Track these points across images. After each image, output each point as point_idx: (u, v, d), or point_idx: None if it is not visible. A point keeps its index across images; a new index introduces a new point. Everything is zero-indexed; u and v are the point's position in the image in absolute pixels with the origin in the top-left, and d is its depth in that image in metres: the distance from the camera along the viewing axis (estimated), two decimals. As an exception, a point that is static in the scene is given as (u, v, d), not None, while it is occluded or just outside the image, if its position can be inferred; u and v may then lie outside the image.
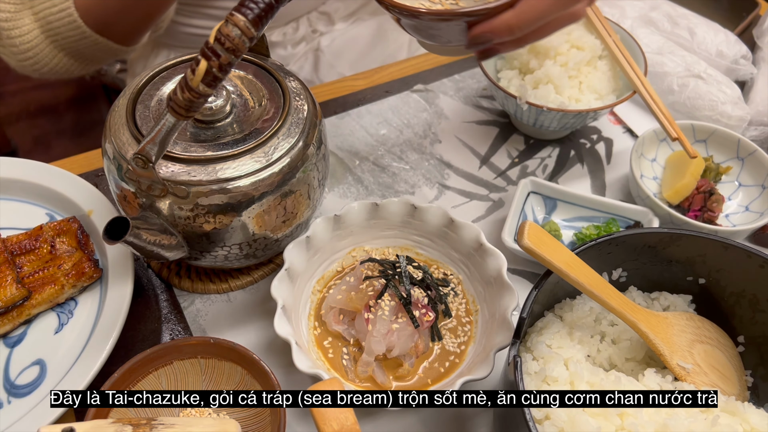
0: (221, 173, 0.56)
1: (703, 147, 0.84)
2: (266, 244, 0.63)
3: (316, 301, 0.67)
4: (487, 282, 0.66)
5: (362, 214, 0.69)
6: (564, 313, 0.59)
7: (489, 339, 0.62)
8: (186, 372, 0.59)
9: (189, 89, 0.45)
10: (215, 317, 0.69)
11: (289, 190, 0.59)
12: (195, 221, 0.57)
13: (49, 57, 0.86)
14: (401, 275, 0.64)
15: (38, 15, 0.82)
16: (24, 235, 0.68)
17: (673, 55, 0.92)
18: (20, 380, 0.61)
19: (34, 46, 0.84)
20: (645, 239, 0.58)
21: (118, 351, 0.62)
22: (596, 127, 0.93)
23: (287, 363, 0.64)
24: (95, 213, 0.70)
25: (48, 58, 0.86)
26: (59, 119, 2.32)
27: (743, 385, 0.58)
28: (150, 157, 0.51)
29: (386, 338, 0.60)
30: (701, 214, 0.77)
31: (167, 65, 0.63)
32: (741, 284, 0.58)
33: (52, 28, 0.84)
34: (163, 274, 0.71)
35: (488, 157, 0.88)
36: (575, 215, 0.79)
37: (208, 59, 0.44)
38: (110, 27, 0.86)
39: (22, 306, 0.63)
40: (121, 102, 0.60)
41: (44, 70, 0.88)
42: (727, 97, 0.87)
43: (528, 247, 0.51)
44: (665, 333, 0.56)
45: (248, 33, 0.43)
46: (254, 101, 0.61)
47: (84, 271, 0.65)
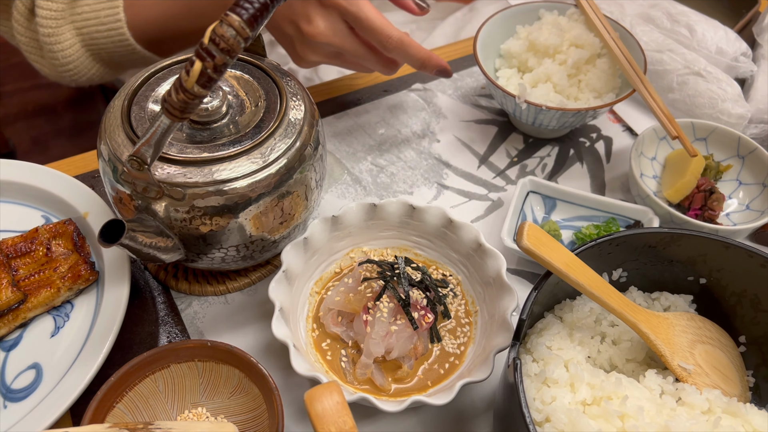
0: (217, 175, 0.55)
1: (704, 145, 0.83)
2: (263, 246, 0.62)
3: (314, 303, 0.67)
4: (487, 283, 0.65)
5: (360, 214, 0.68)
6: (564, 314, 0.58)
7: (489, 340, 0.61)
8: (183, 375, 0.59)
9: (183, 90, 0.44)
10: (213, 319, 0.68)
11: (286, 191, 0.59)
12: (191, 223, 0.57)
13: (87, 68, 0.89)
14: (400, 276, 0.63)
15: (81, 30, 0.85)
16: (19, 237, 0.68)
17: (673, 53, 0.91)
18: (16, 384, 0.61)
19: (75, 59, 0.87)
20: (645, 239, 0.57)
21: (114, 354, 0.62)
22: (596, 125, 0.92)
23: (285, 365, 0.63)
24: (91, 215, 0.70)
25: (87, 68, 0.89)
26: (57, 120, 2.32)
27: (745, 385, 0.58)
28: (145, 158, 0.51)
29: (385, 340, 0.60)
30: (701, 213, 0.77)
31: (163, 66, 0.63)
32: (742, 284, 0.57)
33: (97, 44, 0.86)
34: (160, 277, 0.71)
35: (487, 157, 0.87)
36: (575, 215, 0.78)
37: (203, 60, 0.43)
38: (162, 45, 0.89)
39: (18, 309, 0.63)
40: (116, 103, 0.60)
41: (82, 80, 0.91)
42: (727, 95, 0.86)
43: (527, 248, 0.50)
44: (666, 334, 0.55)
45: (243, 33, 0.43)
46: (251, 102, 0.61)
47: (80, 274, 0.65)
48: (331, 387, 0.47)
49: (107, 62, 0.90)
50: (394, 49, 0.72)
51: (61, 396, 0.57)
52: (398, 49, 0.72)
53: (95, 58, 0.89)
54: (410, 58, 0.73)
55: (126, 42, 0.86)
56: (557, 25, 0.86)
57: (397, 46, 0.71)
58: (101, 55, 0.88)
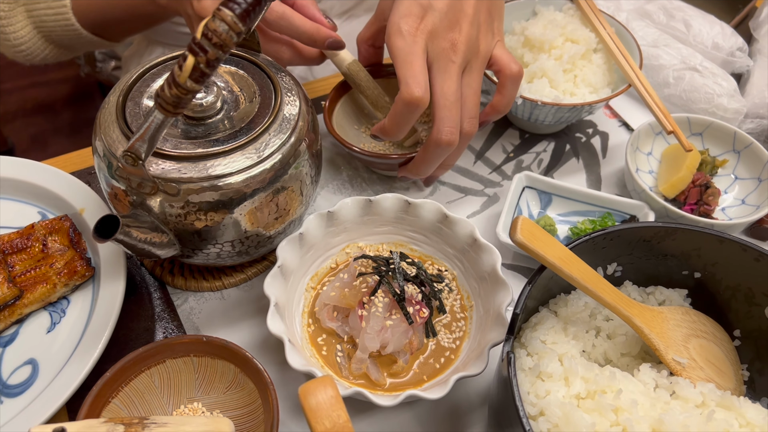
0: (212, 170, 0.55)
1: (699, 140, 0.83)
2: (259, 242, 0.62)
3: (309, 299, 0.67)
4: (482, 278, 0.65)
5: (356, 210, 0.68)
6: (558, 309, 0.58)
7: (483, 335, 0.61)
8: (179, 370, 0.59)
9: (176, 85, 0.45)
10: (209, 315, 0.68)
11: (281, 187, 0.59)
12: (186, 219, 0.57)
13: (40, 49, 0.94)
14: (395, 271, 0.63)
15: (32, 14, 0.89)
16: (15, 233, 0.68)
17: (669, 48, 0.91)
18: (12, 380, 0.61)
19: (27, 41, 0.91)
20: (640, 233, 0.57)
21: (110, 350, 0.62)
22: (592, 120, 0.92)
23: (281, 360, 0.64)
24: (87, 211, 0.70)
25: (40, 49, 0.94)
26: (56, 117, 2.32)
27: (739, 379, 0.58)
28: (139, 154, 0.51)
29: (380, 335, 0.60)
30: (697, 208, 0.77)
31: (158, 62, 0.62)
32: (736, 278, 0.57)
33: (47, 27, 0.90)
34: (156, 272, 0.71)
35: (483, 152, 0.87)
36: (570, 210, 0.78)
37: (195, 55, 0.43)
38: (106, 30, 0.92)
39: (14, 305, 0.63)
40: (111, 99, 0.60)
41: (36, 60, 0.95)
42: (723, 90, 0.86)
43: (521, 243, 0.50)
44: (660, 328, 0.55)
45: (235, 28, 0.43)
46: (245, 97, 0.61)
47: (76, 270, 0.65)
48: (325, 381, 0.47)
49: (59, 44, 0.94)
50: (274, 23, 0.67)
51: (57, 391, 0.57)
52: (278, 23, 0.67)
53: (47, 40, 0.92)
54: (296, 31, 0.68)
55: (72, 27, 0.89)
56: (553, 20, 0.86)
57: (277, 20, 0.67)
58: (52, 38, 0.92)
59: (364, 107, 0.85)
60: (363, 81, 0.78)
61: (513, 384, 0.46)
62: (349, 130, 0.83)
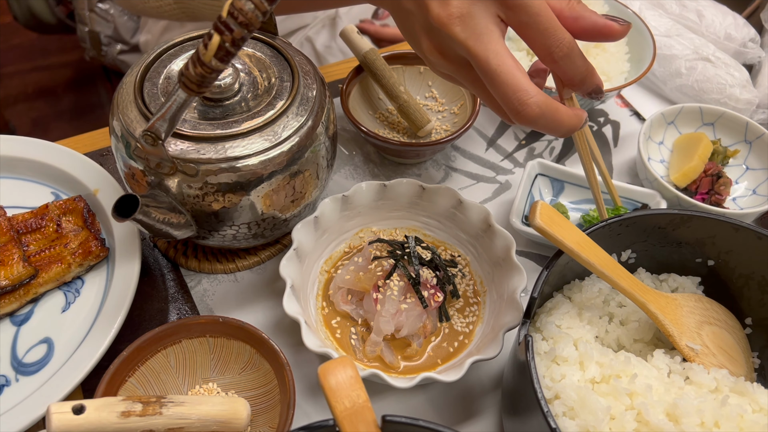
0: (230, 152, 0.55)
1: (711, 130, 0.84)
2: (274, 224, 0.63)
3: (323, 281, 0.67)
4: (495, 263, 0.66)
5: (370, 194, 0.69)
6: (573, 294, 0.59)
7: (497, 319, 0.62)
8: (195, 351, 0.59)
9: (201, 64, 0.44)
10: (222, 297, 0.69)
11: (297, 170, 0.59)
12: (204, 200, 0.57)
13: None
14: (410, 255, 0.64)
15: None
16: (30, 213, 0.68)
17: (682, 38, 0.91)
18: (28, 358, 0.61)
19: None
20: (655, 220, 0.57)
21: (124, 330, 0.62)
22: (603, 110, 0.92)
23: (295, 342, 0.64)
24: (101, 192, 0.70)
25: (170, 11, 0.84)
26: (58, 101, 2.30)
27: (750, 366, 0.58)
28: (159, 134, 0.51)
29: (395, 318, 0.60)
30: (708, 197, 0.77)
31: (174, 42, 0.62)
32: (750, 266, 0.58)
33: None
34: (170, 254, 0.71)
35: (495, 139, 0.87)
36: (583, 197, 0.78)
37: (221, 33, 0.43)
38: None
39: (29, 284, 0.63)
40: (128, 79, 0.60)
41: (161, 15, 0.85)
42: (735, 81, 0.86)
43: (540, 227, 0.50)
44: (674, 314, 0.56)
45: (261, 7, 0.43)
46: (263, 79, 0.61)
47: (90, 250, 0.65)
48: (344, 361, 0.47)
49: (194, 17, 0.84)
50: (563, 58, 0.50)
51: (72, 370, 0.58)
52: (566, 59, 0.51)
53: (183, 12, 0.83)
54: (573, 70, 0.52)
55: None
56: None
57: (567, 55, 0.50)
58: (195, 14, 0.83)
59: (378, 92, 0.85)
60: (379, 69, 0.78)
61: (531, 367, 0.47)
62: (364, 115, 0.83)
